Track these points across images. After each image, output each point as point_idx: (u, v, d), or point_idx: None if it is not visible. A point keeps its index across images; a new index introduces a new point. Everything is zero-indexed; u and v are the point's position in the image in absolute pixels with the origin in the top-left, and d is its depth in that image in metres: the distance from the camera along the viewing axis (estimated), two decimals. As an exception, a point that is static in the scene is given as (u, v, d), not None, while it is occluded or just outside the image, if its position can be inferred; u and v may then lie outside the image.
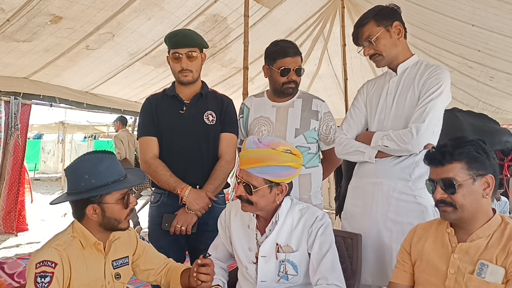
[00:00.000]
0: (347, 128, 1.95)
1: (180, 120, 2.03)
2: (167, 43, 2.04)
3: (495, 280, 1.23)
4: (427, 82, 1.75)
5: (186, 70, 2.00)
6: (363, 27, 1.82)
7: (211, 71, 5.31)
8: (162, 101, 2.09)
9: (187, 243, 2.06)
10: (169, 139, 2.03)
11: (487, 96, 5.30)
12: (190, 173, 2.00)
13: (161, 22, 3.93)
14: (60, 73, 4.42)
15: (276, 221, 1.56)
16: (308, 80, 6.33)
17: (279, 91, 2.19)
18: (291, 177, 1.54)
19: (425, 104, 1.71)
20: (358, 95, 2.01)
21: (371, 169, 1.84)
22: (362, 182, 1.88)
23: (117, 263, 1.54)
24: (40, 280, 1.31)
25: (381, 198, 1.79)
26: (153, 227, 2.04)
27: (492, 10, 3.33)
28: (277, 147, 1.51)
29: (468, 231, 1.33)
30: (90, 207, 1.42)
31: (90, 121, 12.31)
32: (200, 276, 1.47)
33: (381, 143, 1.76)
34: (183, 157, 2.01)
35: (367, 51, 1.83)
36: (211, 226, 1.96)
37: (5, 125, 4.45)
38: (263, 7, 4.32)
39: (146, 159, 2.01)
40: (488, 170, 1.30)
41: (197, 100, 2.08)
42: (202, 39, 2.06)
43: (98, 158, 1.44)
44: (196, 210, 1.93)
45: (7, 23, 3.25)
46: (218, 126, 2.07)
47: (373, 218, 1.81)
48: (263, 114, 2.22)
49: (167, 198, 2.02)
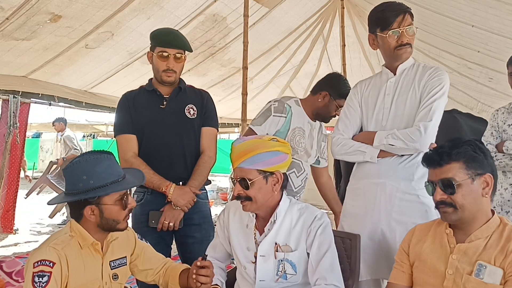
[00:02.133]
0: (344, 128, 1.93)
1: (161, 114, 2.03)
2: (155, 40, 2.03)
3: (493, 281, 1.23)
4: (429, 83, 1.75)
5: (171, 70, 2.01)
6: (407, 13, 1.75)
7: (210, 71, 5.31)
8: (140, 96, 2.08)
9: (175, 239, 2.08)
10: (151, 133, 2.02)
11: (486, 97, 5.31)
12: (174, 168, 2.01)
13: (161, 21, 3.93)
14: (59, 71, 4.42)
15: (274, 220, 1.55)
16: (308, 80, 6.34)
17: (323, 117, 2.37)
18: (282, 164, 1.54)
19: (430, 104, 1.71)
20: (351, 95, 1.99)
21: (373, 169, 1.82)
22: (363, 183, 1.87)
23: (114, 263, 1.53)
24: (38, 279, 1.30)
25: (384, 198, 1.78)
26: (138, 225, 2.03)
27: (492, 11, 3.34)
28: (262, 137, 1.55)
29: (467, 232, 1.33)
30: (88, 208, 1.41)
31: (89, 120, 12.31)
32: (199, 278, 1.47)
33: (385, 142, 1.75)
34: (166, 152, 2.01)
35: (406, 38, 1.76)
36: (196, 220, 2.05)
37: (4, 123, 4.44)
38: (262, 7, 4.32)
39: (127, 158, 1.99)
40: (486, 169, 1.30)
41: (176, 94, 2.08)
42: (188, 42, 2.09)
43: (97, 158, 1.43)
44: (182, 205, 1.95)
45: (6, 21, 3.26)
46: (199, 120, 2.08)
47: (376, 218, 1.79)
48: (302, 126, 2.28)
49: (150, 196, 2.03)
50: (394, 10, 1.75)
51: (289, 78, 6.23)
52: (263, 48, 5.26)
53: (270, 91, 6.53)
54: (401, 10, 1.75)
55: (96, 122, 12.45)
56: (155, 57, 2.02)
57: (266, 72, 5.91)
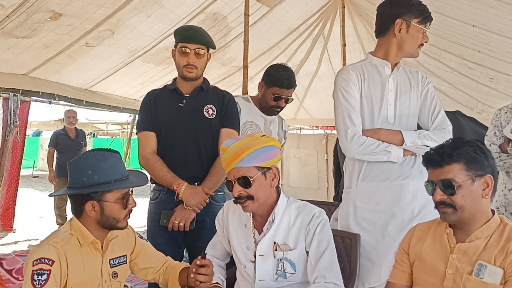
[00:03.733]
0: (356, 120, 1.76)
1: (179, 113, 2.03)
2: (176, 36, 2.04)
3: (493, 280, 1.23)
4: (428, 89, 1.83)
5: (192, 65, 2.00)
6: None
7: (210, 70, 5.31)
8: (162, 95, 2.10)
9: (184, 241, 2.05)
10: (168, 131, 2.03)
11: (486, 97, 5.30)
12: (189, 166, 2.00)
13: (161, 20, 3.93)
14: (59, 70, 4.42)
15: (273, 219, 1.55)
16: (308, 80, 6.33)
17: (265, 109, 2.52)
18: (276, 159, 1.55)
19: (440, 110, 1.81)
20: (350, 83, 1.80)
21: (395, 171, 1.76)
22: (385, 184, 1.76)
23: (114, 262, 1.54)
24: (37, 277, 1.30)
25: (408, 199, 1.73)
26: (151, 224, 2.04)
27: (492, 11, 3.33)
28: (254, 135, 1.56)
29: (467, 232, 1.33)
30: (89, 204, 1.42)
31: (89, 118, 12.27)
32: (198, 277, 1.47)
33: (420, 143, 1.72)
34: (181, 150, 2.01)
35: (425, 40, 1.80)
36: (209, 224, 1.96)
37: (4, 122, 4.44)
38: (263, 6, 4.31)
39: (144, 155, 2.01)
40: (487, 170, 1.30)
41: (197, 93, 2.08)
42: (211, 39, 2.08)
43: (104, 155, 1.44)
44: (192, 205, 1.92)
45: (6, 19, 3.25)
46: (217, 120, 2.06)
47: (400, 220, 1.72)
48: (254, 120, 2.42)
49: (165, 195, 2.02)
50: (430, 12, 1.79)
51: (289, 77, 6.23)
52: (263, 47, 5.25)
53: (270, 90, 6.51)
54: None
55: (96, 120, 12.42)
56: (177, 52, 2.03)
57: (266, 71, 5.90)
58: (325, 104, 7.00)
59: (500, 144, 2.38)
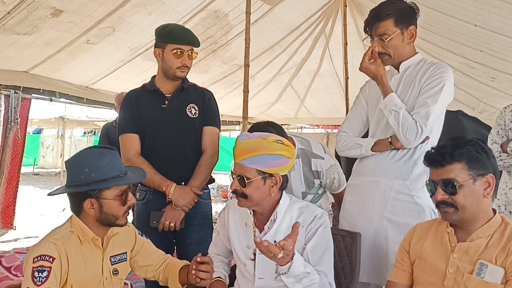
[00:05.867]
0: (348, 127, 1.95)
1: (163, 114, 2.03)
2: (167, 36, 2.00)
3: (494, 280, 1.23)
4: (429, 79, 1.72)
5: (185, 67, 2.01)
6: (380, 21, 1.72)
7: (211, 68, 5.30)
8: (142, 96, 2.09)
9: (175, 237, 2.08)
10: (152, 133, 2.03)
11: (488, 97, 5.29)
12: (175, 167, 2.01)
13: (162, 17, 3.92)
14: (60, 67, 4.42)
15: (274, 219, 1.55)
16: (309, 79, 6.32)
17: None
18: (283, 168, 1.52)
19: (428, 106, 1.67)
20: (360, 93, 2.01)
21: (369, 167, 1.82)
22: (359, 180, 1.87)
23: (115, 259, 1.54)
24: (38, 274, 1.30)
25: (378, 197, 1.78)
26: (141, 225, 2.04)
27: (494, 11, 3.32)
28: (267, 137, 1.52)
29: (468, 231, 1.32)
30: (88, 201, 1.42)
31: (90, 116, 12.27)
32: (199, 274, 1.47)
33: (389, 113, 1.70)
34: (167, 151, 2.02)
35: (375, 46, 1.75)
36: (197, 221, 2.03)
37: (5, 119, 4.44)
38: (265, 4, 4.30)
39: (129, 157, 2.00)
40: (489, 169, 1.29)
41: (179, 93, 2.08)
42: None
43: (100, 152, 1.44)
44: (182, 205, 1.95)
45: (7, 15, 3.24)
46: (200, 119, 2.08)
47: (369, 216, 1.80)
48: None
49: (152, 195, 2.04)
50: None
51: (290, 76, 6.22)
52: (265, 45, 5.24)
53: (271, 89, 6.51)
54: None
55: (97, 118, 12.42)
56: (169, 54, 2.00)
57: (267, 69, 5.89)
58: (326, 103, 6.98)
59: (502, 143, 2.38)
